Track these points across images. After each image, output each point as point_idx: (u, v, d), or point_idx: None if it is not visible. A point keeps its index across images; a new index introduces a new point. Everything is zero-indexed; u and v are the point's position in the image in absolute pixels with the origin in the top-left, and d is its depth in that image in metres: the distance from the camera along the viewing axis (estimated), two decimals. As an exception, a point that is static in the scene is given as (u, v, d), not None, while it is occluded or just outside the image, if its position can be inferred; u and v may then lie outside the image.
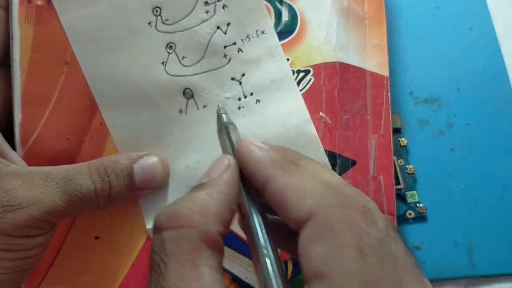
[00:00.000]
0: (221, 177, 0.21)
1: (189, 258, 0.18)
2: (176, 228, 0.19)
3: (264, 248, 0.19)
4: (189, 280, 0.17)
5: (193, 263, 0.18)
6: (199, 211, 0.19)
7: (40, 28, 0.28)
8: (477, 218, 0.33)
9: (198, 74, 0.30)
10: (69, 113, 0.28)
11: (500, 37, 0.38)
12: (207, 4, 0.30)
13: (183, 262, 0.18)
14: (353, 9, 0.33)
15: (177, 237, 0.18)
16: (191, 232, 0.18)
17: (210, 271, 0.18)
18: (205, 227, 0.19)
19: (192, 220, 0.19)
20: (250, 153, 0.21)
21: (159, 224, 0.19)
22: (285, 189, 0.19)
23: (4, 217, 0.23)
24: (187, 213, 0.19)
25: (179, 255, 0.18)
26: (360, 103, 0.32)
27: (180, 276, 0.17)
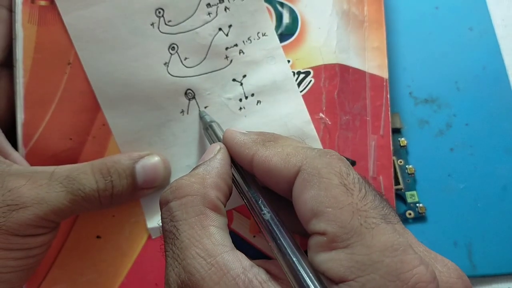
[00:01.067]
0: (214, 157, 0.24)
1: (196, 220, 0.20)
2: (180, 198, 0.21)
3: (263, 208, 0.22)
4: (200, 238, 0.19)
5: (201, 224, 0.20)
6: (198, 181, 0.22)
7: (43, 28, 0.28)
8: (477, 218, 0.33)
9: (200, 75, 0.30)
10: (72, 113, 0.29)
11: (500, 37, 0.38)
12: (209, 6, 0.30)
13: (192, 224, 0.20)
14: (353, 12, 0.33)
15: (182, 204, 0.21)
16: (194, 199, 0.21)
17: (218, 230, 0.20)
18: (205, 193, 0.21)
19: (193, 188, 0.21)
20: (234, 137, 0.24)
21: (165, 197, 0.22)
22: (269, 157, 0.22)
23: (9, 216, 0.23)
24: (188, 184, 0.21)
25: (187, 219, 0.20)
26: (360, 105, 0.32)
27: (192, 236, 0.20)
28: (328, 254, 0.18)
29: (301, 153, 0.21)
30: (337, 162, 0.20)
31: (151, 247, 0.29)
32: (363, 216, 0.18)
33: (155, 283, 0.29)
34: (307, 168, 0.20)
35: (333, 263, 0.18)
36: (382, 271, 0.17)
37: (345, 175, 0.20)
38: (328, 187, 0.19)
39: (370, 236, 0.18)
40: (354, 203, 0.19)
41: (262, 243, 0.29)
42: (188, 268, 0.19)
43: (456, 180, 0.34)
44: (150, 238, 0.29)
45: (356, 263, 0.17)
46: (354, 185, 0.19)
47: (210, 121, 0.28)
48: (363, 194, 0.19)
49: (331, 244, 0.18)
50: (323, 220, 0.19)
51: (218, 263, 0.19)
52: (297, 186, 0.21)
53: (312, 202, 0.19)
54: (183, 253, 0.19)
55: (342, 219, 0.18)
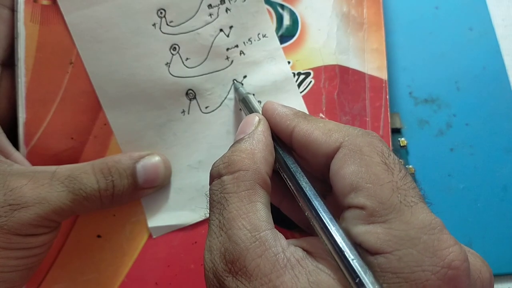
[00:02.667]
0: (256, 129, 0.24)
1: (246, 195, 0.21)
2: (233, 172, 0.22)
3: (302, 182, 0.22)
4: (247, 211, 0.20)
5: (250, 199, 0.21)
6: (249, 157, 0.22)
7: (45, 27, 0.28)
8: (477, 218, 0.33)
9: (201, 76, 0.30)
10: (73, 112, 0.29)
11: (500, 37, 0.38)
12: (210, 7, 0.30)
13: (242, 198, 0.21)
14: (353, 14, 0.33)
15: (235, 178, 0.21)
16: (246, 174, 0.22)
17: (264, 207, 0.21)
18: (256, 168, 0.22)
19: (245, 164, 0.22)
20: (275, 109, 0.25)
21: (218, 171, 0.22)
22: (311, 130, 0.23)
23: (10, 216, 0.23)
24: (240, 159, 0.22)
25: (237, 192, 0.21)
26: (359, 105, 0.32)
27: (240, 209, 0.20)
28: (365, 227, 0.19)
29: (344, 130, 0.22)
30: (379, 142, 0.21)
31: (151, 246, 0.29)
32: (403, 194, 0.19)
33: (155, 282, 0.29)
34: (348, 144, 0.21)
35: (370, 236, 0.18)
36: (420, 246, 0.17)
37: (386, 155, 0.20)
38: (369, 164, 0.20)
39: (409, 213, 0.18)
40: (394, 181, 0.19)
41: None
42: (233, 237, 0.19)
43: (456, 180, 0.34)
44: (151, 237, 0.29)
45: (393, 237, 0.18)
46: (394, 165, 0.20)
47: (247, 93, 0.29)
48: (403, 174, 0.20)
49: (370, 218, 0.19)
50: (363, 195, 0.19)
51: (261, 238, 0.19)
52: (337, 161, 0.21)
53: (352, 176, 0.20)
54: (230, 223, 0.20)
55: (382, 195, 0.19)
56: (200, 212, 0.30)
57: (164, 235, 0.29)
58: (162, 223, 0.29)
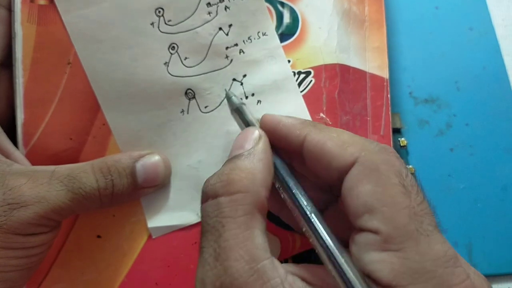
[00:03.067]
0: (257, 146, 0.22)
1: (244, 220, 0.19)
2: (232, 194, 0.20)
3: (307, 206, 0.21)
4: (245, 240, 0.19)
5: (247, 226, 0.19)
6: (249, 177, 0.21)
7: (43, 27, 0.28)
8: (477, 218, 0.33)
9: (200, 75, 0.30)
10: (72, 113, 0.29)
11: (500, 37, 0.38)
12: (209, 5, 0.30)
13: (240, 224, 0.19)
14: (354, 12, 0.33)
15: (233, 201, 0.20)
16: (245, 197, 0.20)
17: (261, 234, 0.20)
18: (256, 192, 0.20)
19: (244, 185, 0.20)
20: (279, 120, 0.23)
21: (214, 191, 0.21)
22: (324, 141, 0.21)
23: (10, 215, 0.23)
24: (239, 179, 0.20)
25: (235, 217, 0.19)
26: (360, 105, 0.32)
27: (238, 237, 0.19)
28: (379, 254, 0.18)
29: (359, 143, 0.21)
30: (397, 161, 0.20)
31: (151, 246, 0.29)
32: (419, 221, 0.18)
33: (155, 283, 0.29)
34: (365, 160, 0.20)
35: (384, 265, 0.18)
36: (435, 281, 0.17)
37: (404, 176, 0.19)
38: (386, 185, 0.19)
39: (426, 243, 0.18)
40: (412, 206, 0.18)
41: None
42: (230, 270, 0.18)
43: (456, 180, 0.34)
44: (151, 237, 0.29)
45: (408, 269, 0.17)
46: (412, 188, 0.19)
47: (240, 103, 0.27)
48: (420, 199, 0.19)
49: (384, 244, 0.18)
50: (378, 218, 0.18)
51: (259, 270, 0.18)
52: (351, 177, 0.20)
53: (367, 197, 0.19)
54: (227, 253, 0.19)
55: (399, 220, 0.18)
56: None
57: (164, 235, 0.29)
58: (162, 223, 0.29)
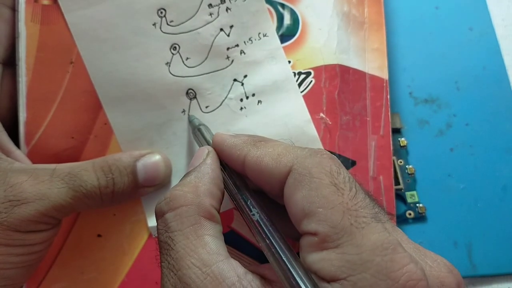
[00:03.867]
0: (204, 162, 0.24)
1: (191, 230, 0.20)
2: (175, 209, 0.21)
3: (252, 209, 0.22)
4: (195, 248, 0.19)
5: (196, 234, 0.20)
6: (192, 191, 0.21)
7: (46, 27, 0.28)
8: (477, 218, 0.33)
9: (201, 75, 0.30)
10: (74, 112, 0.29)
11: (500, 37, 0.38)
12: (211, 6, 0.30)
13: (187, 234, 0.20)
14: (354, 13, 0.33)
15: (177, 215, 0.21)
16: (189, 209, 0.21)
17: (213, 239, 0.20)
18: (199, 202, 0.21)
19: (187, 199, 0.21)
20: (224, 140, 0.24)
21: (160, 209, 0.22)
22: (261, 157, 0.22)
23: (10, 212, 0.23)
24: (182, 194, 0.21)
25: (182, 229, 0.20)
26: (360, 105, 0.32)
27: (187, 246, 0.20)
28: (319, 254, 0.18)
29: (292, 153, 0.21)
30: (328, 161, 0.20)
31: (152, 245, 0.29)
32: (353, 216, 0.18)
33: (156, 282, 0.29)
34: (298, 168, 0.20)
35: (324, 263, 0.18)
36: (373, 270, 0.17)
37: (336, 174, 0.20)
38: (318, 187, 0.19)
39: (361, 235, 0.18)
40: (345, 202, 0.19)
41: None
42: (183, 278, 0.19)
43: (456, 180, 0.34)
44: (151, 236, 0.29)
45: (347, 263, 0.18)
46: (344, 184, 0.19)
47: (199, 124, 0.28)
48: (353, 193, 0.19)
49: (322, 244, 0.18)
50: (314, 220, 0.19)
51: (213, 272, 0.19)
52: (288, 186, 0.21)
53: (303, 202, 0.19)
54: (179, 263, 0.19)
55: (333, 219, 0.18)
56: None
57: (164, 234, 0.30)
58: (162, 223, 0.29)
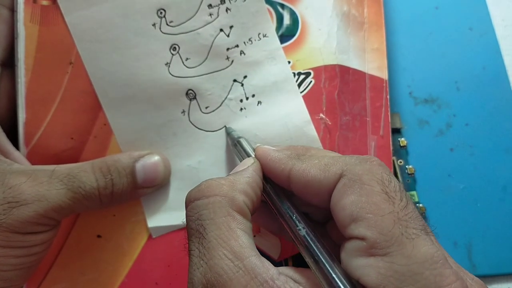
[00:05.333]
0: (247, 168, 0.23)
1: (224, 221, 0.20)
2: (208, 197, 0.21)
3: (298, 223, 0.22)
4: (227, 239, 0.19)
5: (229, 226, 0.20)
6: (227, 184, 0.21)
7: (45, 28, 0.28)
8: (477, 218, 0.33)
9: (201, 76, 0.30)
10: (73, 112, 0.29)
11: (500, 37, 0.38)
12: (210, 6, 0.30)
13: (220, 224, 0.20)
14: (353, 13, 0.33)
15: (210, 204, 0.20)
16: (222, 199, 0.21)
17: (244, 234, 0.20)
18: (233, 196, 0.21)
19: (222, 190, 0.21)
20: (268, 154, 0.24)
21: (192, 195, 0.21)
22: (308, 170, 0.22)
23: (9, 213, 0.23)
24: (217, 184, 0.21)
25: (214, 219, 0.20)
26: (360, 105, 0.32)
27: (219, 236, 0.19)
28: (366, 260, 0.18)
29: (340, 161, 0.21)
30: (379, 168, 0.20)
31: (151, 246, 0.29)
32: (404, 226, 0.18)
33: (155, 282, 0.29)
34: (348, 174, 0.20)
35: (370, 270, 0.18)
36: (421, 283, 0.17)
37: (387, 182, 0.20)
38: (369, 194, 0.19)
39: (411, 246, 0.18)
40: (396, 211, 0.19)
41: (262, 242, 0.30)
42: (215, 268, 0.18)
43: (456, 180, 0.34)
44: (151, 237, 0.29)
45: (395, 273, 0.17)
46: (395, 193, 0.19)
47: (238, 137, 0.28)
48: (404, 204, 0.19)
49: (370, 249, 0.18)
50: (363, 226, 0.19)
51: (245, 266, 0.18)
52: (336, 192, 0.21)
53: (352, 207, 0.19)
54: (210, 252, 0.19)
55: (383, 226, 0.18)
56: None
57: (164, 235, 0.30)
58: (162, 223, 0.29)
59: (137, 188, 0.28)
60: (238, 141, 0.28)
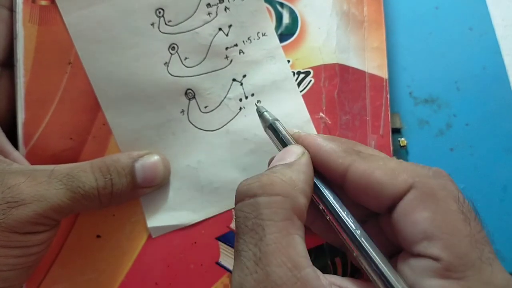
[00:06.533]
0: (300, 159, 0.22)
1: (285, 225, 0.18)
2: (271, 195, 0.19)
3: (356, 230, 0.21)
4: (287, 246, 0.18)
5: (288, 231, 0.18)
6: (290, 183, 0.20)
7: (44, 28, 0.28)
8: (477, 218, 0.33)
9: (200, 75, 0.30)
10: (72, 112, 0.29)
11: (500, 37, 0.38)
12: (209, 6, 0.30)
13: (281, 228, 0.18)
14: (353, 12, 0.33)
15: (273, 203, 0.19)
16: (285, 201, 0.19)
17: (302, 241, 0.19)
18: (296, 197, 0.19)
19: (286, 189, 0.19)
20: (321, 144, 0.22)
21: (252, 190, 0.20)
22: (371, 171, 0.20)
23: (8, 213, 0.23)
24: (281, 182, 0.20)
25: (276, 221, 0.19)
26: (360, 105, 0.32)
27: (280, 242, 0.18)
28: (440, 282, 0.18)
29: (411, 169, 0.20)
30: (453, 185, 0.20)
31: (151, 246, 0.29)
32: (481, 250, 0.18)
33: (155, 282, 0.29)
34: (421, 186, 0.19)
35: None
36: None
37: (462, 201, 0.19)
38: (446, 212, 0.19)
39: (489, 272, 0.17)
40: (472, 234, 0.18)
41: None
42: (272, 276, 0.17)
43: (456, 180, 0.34)
44: (151, 237, 0.29)
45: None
46: (470, 214, 0.19)
47: (273, 119, 0.26)
48: (480, 226, 0.19)
49: (446, 272, 0.18)
50: (438, 246, 0.18)
51: (303, 278, 0.18)
52: (406, 204, 0.20)
53: (426, 224, 0.19)
54: (268, 258, 0.18)
55: (461, 248, 0.18)
56: (200, 212, 0.30)
57: (164, 235, 0.29)
58: (161, 223, 0.29)
59: (137, 188, 0.28)
60: (273, 123, 0.25)
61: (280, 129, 0.25)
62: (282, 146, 0.24)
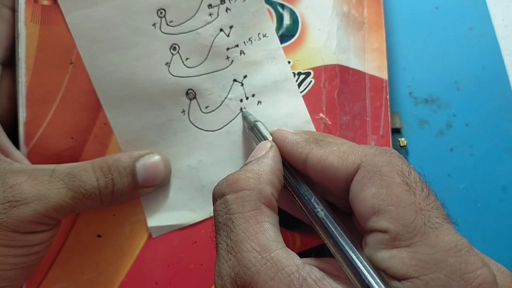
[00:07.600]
0: (267, 154, 0.24)
1: (252, 215, 0.20)
2: (237, 191, 0.21)
3: (317, 205, 0.22)
4: (255, 233, 0.20)
5: (256, 220, 0.20)
6: (254, 177, 0.22)
7: (46, 27, 0.28)
8: (477, 218, 0.33)
9: (201, 75, 0.30)
10: (73, 112, 0.29)
11: (500, 37, 0.38)
12: (210, 6, 0.30)
13: (248, 218, 0.20)
14: (353, 14, 0.33)
15: (239, 198, 0.21)
16: (251, 194, 0.21)
17: (272, 226, 0.20)
18: (261, 189, 0.21)
19: (250, 183, 0.21)
20: (286, 137, 0.24)
21: (221, 190, 0.22)
22: (325, 156, 0.22)
23: (10, 213, 0.23)
24: (245, 178, 0.22)
25: (243, 212, 0.20)
26: (360, 105, 0.32)
27: (247, 229, 0.20)
28: (389, 252, 0.18)
29: (359, 151, 0.21)
30: (398, 160, 0.20)
31: (151, 246, 0.29)
32: (427, 216, 0.18)
33: (155, 282, 0.29)
34: (367, 165, 0.20)
35: (395, 261, 0.18)
36: (447, 270, 0.17)
37: (407, 174, 0.20)
38: (390, 185, 0.19)
39: (434, 235, 0.18)
40: (417, 202, 0.19)
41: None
42: (243, 261, 0.19)
43: (456, 180, 0.34)
44: (151, 237, 0.29)
45: (419, 262, 0.18)
46: (416, 184, 0.19)
47: (255, 120, 0.28)
48: (425, 194, 0.19)
49: (393, 242, 0.18)
50: (385, 218, 0.19)
51: (273, 258, 0.19)
52: (356, 183, 0.21)
53: (373, 199, 0.19)
54: (238, 246, 0.19)
55: (405, 218, 0.18)
56: (200, 212, 0.30)
57: (164, 235, 0.30)
58: (162, 223, 0.29)
59: (138, 187, 0.28)
60: (254, 124, 0.28)
61: (260, 129, 0.27)
62: None
